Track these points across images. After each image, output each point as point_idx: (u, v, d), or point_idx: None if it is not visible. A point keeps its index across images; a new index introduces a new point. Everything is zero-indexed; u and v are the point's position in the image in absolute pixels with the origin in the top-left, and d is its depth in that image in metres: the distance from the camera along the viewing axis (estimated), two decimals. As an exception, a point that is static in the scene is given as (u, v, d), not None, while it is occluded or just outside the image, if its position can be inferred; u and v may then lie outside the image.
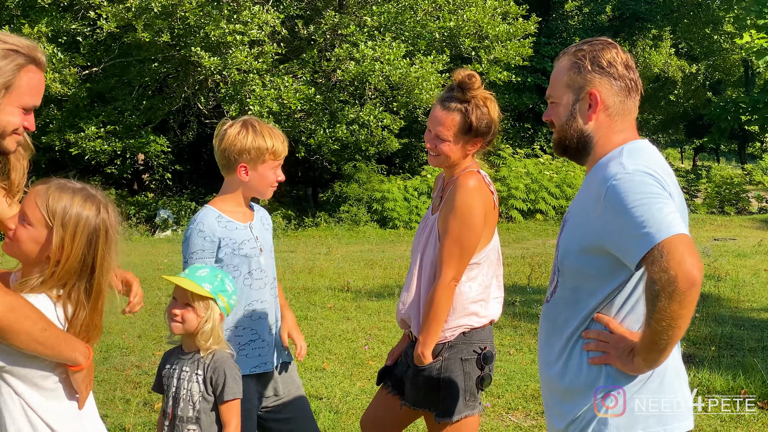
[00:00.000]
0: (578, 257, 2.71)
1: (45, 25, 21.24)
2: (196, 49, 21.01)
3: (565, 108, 2.81)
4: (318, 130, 22.97)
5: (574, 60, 2.80)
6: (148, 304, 11.19)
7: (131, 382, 7.44)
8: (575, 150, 2.84)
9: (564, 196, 24.50)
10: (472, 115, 3.76)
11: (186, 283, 3.30)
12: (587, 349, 2.71)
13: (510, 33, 23.92)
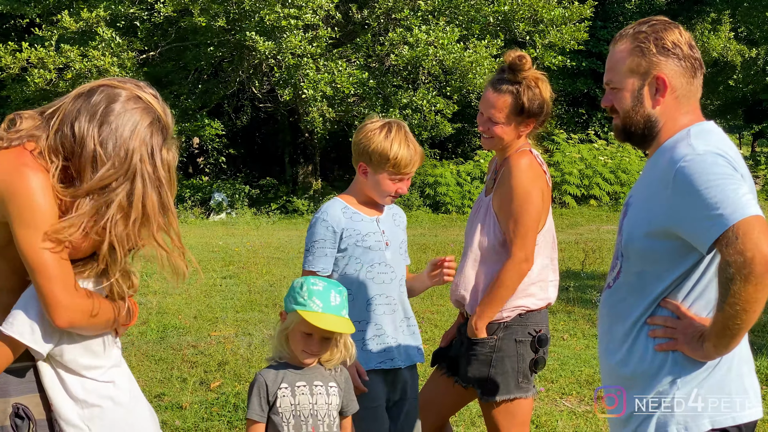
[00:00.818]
0: (644, 241, 2.65)
1: (103, 9, 21.47)
2: (251, 34, 21.09)
3: (630, 93, 2.73)
4: (371, 114, 22.93)
5: (636, 43, 2.72)
6: (204, 285, 11.33)
7: (188, 361, 7.54)
8: (641, 136, 2.77)
9: (618, 182, 24.23)
10: (523, 96, 3.75)
11: (341, 326, 3.15)
12: (653, 335, 2.64)
13: (565, 17, 23.62)
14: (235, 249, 15.36)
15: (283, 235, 18.29)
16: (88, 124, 2.54)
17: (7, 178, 2.46)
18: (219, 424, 5.92)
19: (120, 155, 2.55)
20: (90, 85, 2.65)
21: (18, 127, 2.59)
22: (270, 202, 25.50)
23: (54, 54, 21.41)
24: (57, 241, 2.49)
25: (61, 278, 2.50)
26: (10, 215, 2.46)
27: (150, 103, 2.65)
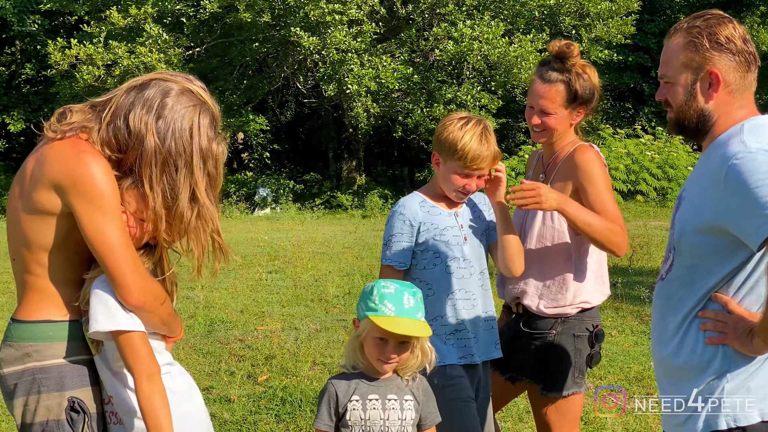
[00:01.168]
0: (695, 236, 2.66)
1: (151, 5, 21.70)
2: (296, 29, 21.19)
3: (684, 88, 2.73)
4: (415, 109, 22.95)
5: (689, 38, 2.71)
6: (250, 280, 11.43)
7: (235, 355, 7.61)
8: (694, 130, 2.77)
9: (666, 177, 23.98)
10: (575, 83, 3.74)
11: (416, 329, 3.02)
12: (704, 328, 2.66)
13: (612, 10, 23.43)
14: (280, 244, 15.46)
15: (327, 230, 18.37)
16: (144, 117, 2.59)
17: (68, 166, 2.50)
18: (267, 417, 5.97)
19: (177, 149, 2.59)
20: (142, 78, 2.69)
21: (69, 120, 2.62)
22: (314, 198, 25.61)
23: (102, 50, 21.68)
24: (122, 225, 2.55)
25: (131, 259, 2.55)
26: (73, 203, 2.50)
27: (202, 97, 2.70)
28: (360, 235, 17.38)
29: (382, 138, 30.52)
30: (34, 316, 2.63)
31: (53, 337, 2.62)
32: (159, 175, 2.60)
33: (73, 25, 29.50)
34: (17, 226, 2.61)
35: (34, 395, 2.60)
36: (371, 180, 28.15)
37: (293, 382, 6.72)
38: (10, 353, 2.63)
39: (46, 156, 2.56)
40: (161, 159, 2.59)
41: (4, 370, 2.64)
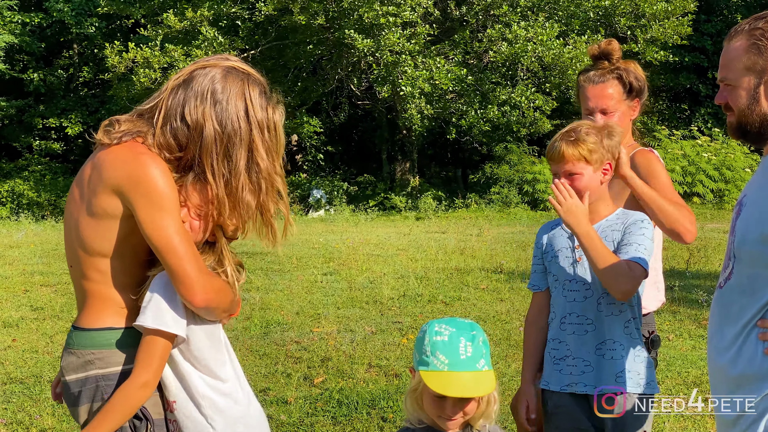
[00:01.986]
0: (758, 244, 2.57)
1: (207, 9, 21.93)
2: (350, 32, 21.30)
3: (747, 91, 2.65)
4: (469, 111, 22.94)
5: (752, 40, 2.62)
6: (305, 282, 11.49)
7: (291, 357, 7.65)
8: (756, 134, 2.69)
9: (723, 179, 23.70)
10: (627, 76, 3.71)
11: (473, 387, 2.57)
12: (763, 338, 2.56)
13: (668, 11, 23.22)
14: (334, 246, 15.53)
15: (381, 232, 18.41)
16: (199, 107, 2.60)
17: (127, 168, 2.52)
18: (323, 419, 6.00)
19: (236, 129, 2.61)
20: (182, 74, 2.69)
21: (119, 128, 2.63)
22: (368, 199, 25.69)
23: (159, 53, 21.95)
24: (181, 224, 2.57)
25: (193, 257, 2.56)
26: (133, 203, 2.51)
27: (245, 70, 2.71)
28: (414, 237, 17.39)
29: (436, 140, 30.50)
30: (95, 323, 2.65)
31: (115, 345, 2.64)
32: (221, 160, 2.60)
33: (129, 29, 29.93)
34: (76, 232, 2.64)
35: (98, 402, 2.62)
36: (425, 182, 28.16)
37: (349, 385, 6.75)
38: (72, 361, 2.65)
39: (105, 160, 2.58)
40: (222, 144, 2.61)
41: (67, 378, 2.66)
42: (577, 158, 3.29)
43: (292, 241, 15.71)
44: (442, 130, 26.28)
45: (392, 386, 6.67)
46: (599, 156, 3.30)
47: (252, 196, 2.66)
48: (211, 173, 2.60)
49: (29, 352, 7.97)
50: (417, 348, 2.66)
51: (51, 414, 6.14)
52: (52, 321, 9.20)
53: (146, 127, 2.63)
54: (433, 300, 10.16)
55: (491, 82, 23.31)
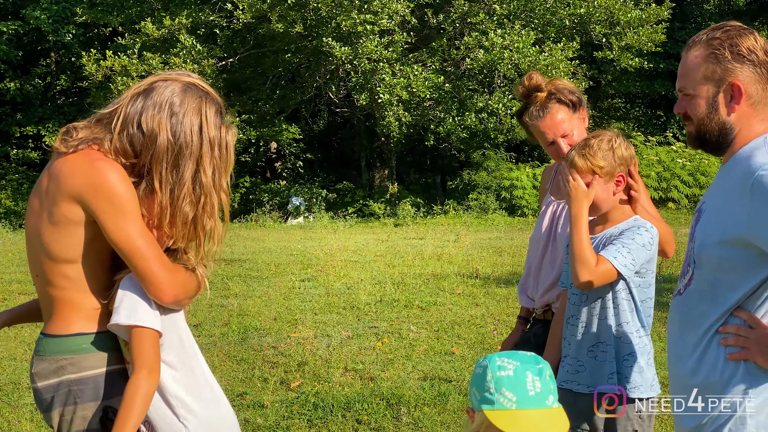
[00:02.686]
0: (718, 249, 2.62)
1: (185, 17, 21.96)
2: (328, 39, 21.38)
3: (705, 100, 2.70)
4: (447, 118, 23.06)
5: (710, 50, 2.68)
6: (283, 288, 11.56)
7: (268, 361, 7.72)
8: (715, 143, 2.73)
9: (697, 185, 23.92)
10: (565, 96, 3.82)
11: (549, 424, 2.33)
12: (725, 344, 2.61)
13: (642, 19, 23.45)
14: (313, 252, 15.60)
15: (360, 239, 18.49)
16: (156, 116, 2.67)
17: (86, 176, 2.58)
18: (299, 422, 6.07)
19: (188, 142, 2.70)
20: (144, 83, 2.77)
21: (76, 136, 2.69)
22: (347, 206, 25.76)
23: (137, 62, 21.95)
24: (144, 225, 2.64)
25: (158, 257, 2.64)
26: (95, 210, 2.58)
27: (204, 88, 2.81)
28: (392, 243, 17.48)
29: (414, 146, 30.62)
30: (65, 329, 2.69)
31: (87, 349, 2.69)
32: (170, 170, 2.68)
33: (107, 36, 29.87)
34: (39, 241, 2.69)
35: (71, 406, 2.67)
36: (403, 188, 28.26)
37: (325, 388, 6.83)
38: (44, 367, 2.69)
39: (61, 169, 2.63)
40: (173, 154, 2.68)
41: (38, 384, 2.70)
42: (587, 170, 3.38)
43: (271, 248, 15.79)
44: (421, 137, 26.39)
45: (367, 389, 6.75)
46: (610, 169, 3.39)
47: (190, 208, 2.73)
48: (159, 181, 2.68)
49: (8, 359, 8.00)
50: (477, 385, 2.37)
51: (30, 420, 6.19)
52: (30, 329, 9.22)
53: (103, 132, 2.70)
54: (409, 305, 10.25)
55: (468, 89, 23.44)
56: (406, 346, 8.16)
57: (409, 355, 7.81)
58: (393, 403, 6.36)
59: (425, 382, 6.95)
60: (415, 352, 7.92)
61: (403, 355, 7.82)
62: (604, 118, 31.46)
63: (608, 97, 33.01)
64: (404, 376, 7.13)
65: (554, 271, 3.92)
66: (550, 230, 4.00)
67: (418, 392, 6.62)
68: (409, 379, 7.04)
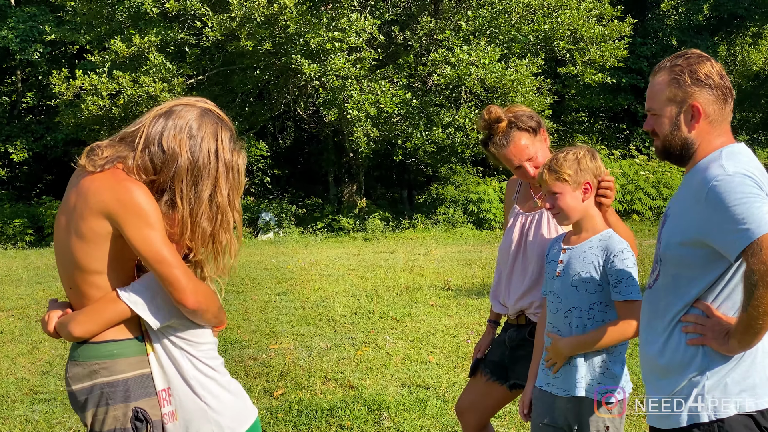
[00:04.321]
0: (680, 249, 2.98)
1: (154, 35, 22.06)
2: (297, 57, 21.60)
3: (669, 120, 3.07)
4: (414, 133, 23.34)
5: (672, 75, 3.05)
6: (259, 302, 11.77)
7: (251, 372, 7.93)
8: (678, 156, 3.11)
9: (660, 197, 24.38)
10: (524, 122, 4.10)
11: None
12: (686, 331, 2.98)
13: (605, 35, 23.90)
14: (286, 267, 15.81)
15: (331, 253, 18.71)
16: (177, 137, 2.94)
17: (112, 194, 2.83)
18: (285, 427, 6.30)
19: (206, 163, 2.96)
20: (166, 106, 3.04)
21: (101, 155, 2.94)
22: (316, 221, 25.93)
23: (106, 80, 22.02)
24: (167, 237, 2.89)
25: (182, 265, 2.88)
26: (122, 225, 2.82)
27: (220, 115, 3.08)
28: (363, 257, 17.72)
29: (381, 161, 30.87)
30: (98, 336, 2.94)
31: (117, 354, 2.94)
32: (189, 187, 2.93)
33: (74, 54, 29.86)
34: (70, 256, 2.93)
35: (103, 407, 2.92)
36: (372, 203, 28.48)
37: (308, 396, 7.06)
38: (78, 371, 2.95)
39: (90, 188, 2.87)
40: (193, 173, 2.94)
41: (73, 387, 2.95)
42: (555, 180, 3.67)
43: (245, 263, 15.96)
44: (388, 152, 26.64)
45: (349, 396, 6.99)
46: (576, 177, 3.66)
47: (208, 224, 2.98)
48: (180, 197, 2.93)
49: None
50: None
51: (21, 431, 6.36)
52: (13, 344, 9.38)
53: (126, 150, 2.95)
54: (384, 316, 10.50)
55: (435, 105, 23.75)
56: (383, 356, 8.41)
57: (387, 364, 8.06)
58: (374, 409, 6.60)
59: (404, 389, 7.21)
60: (393, 361, 8.17)
61: (381, 364, 8.06)
62: (569, 131, 31.92)
63: (572, 111, 33.49)
64: (384, 384, 7.38)
65: (525, 279, 4.15)
66: (521, 241, 4.24)
67: (398, 398, 6.87)
68: (388, 386, 7.29)
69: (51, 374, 8.06)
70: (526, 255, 4.19)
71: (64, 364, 8.26)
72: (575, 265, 3.70)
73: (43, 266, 17.75)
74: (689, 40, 33.01)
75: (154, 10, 22.12)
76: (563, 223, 3.79)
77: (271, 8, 21.12)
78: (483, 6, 23.66)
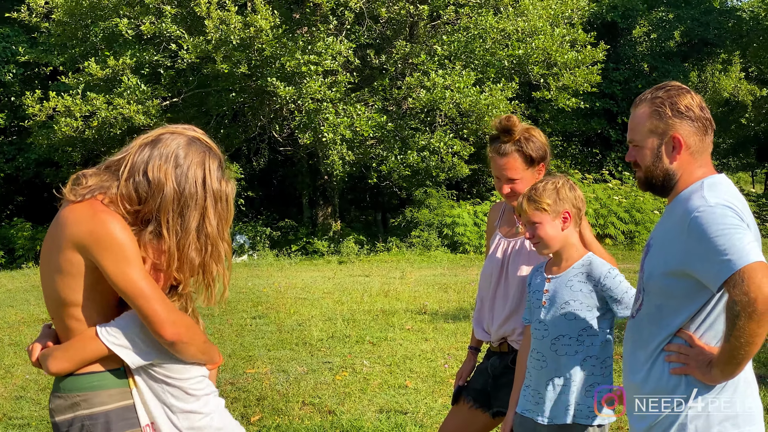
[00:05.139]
0: (663, 279, 3.02)
1: (129, 57, 22.01)
2: (272, 80, 21.63)
3: (651, 151, 3.12)
4: (389, 156, 23.42)
5: (653, 107, 3.09)
6: (235, 325, 11.73)
7: (227, 397, 7.89)
8: (660, 187, 3.15)
9: (633, 221, 24.55)
10: (527, 148, 4.14)
11: None
12: (669, 360, 3.02)
13: (578, 60, 24.16)
14: (262, 290, 15.77)
15: (306, 276, 18.69)
16: (162, 167, 2.89)
17: (88, 226, 2.79)
18: (263, 454, 6.29)
19: (192, 193, 2.92)
20: (152, 134, 3.00)
21: (85, 184, 2.91)
22: (290, 244, 25.88)
23: (80, 102, 21.93)
24: (144, 269, 2.85)
25: (160, 298, 2.83)
26: (98, 259, 2.78)
27: (208, 143, 3.05)
28: (339, 280, 17.71)
29: (355, 184, 30.91)
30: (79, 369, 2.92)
31: (98, 387, 2.90)
32: (175, 217, 2.88)
33: (47, 76, 29.72)
34: (51, 287, 2.90)
35: None
36: (346, 226, 28.48)
37: (285, 421, 7.04)
38: (60, 403, 2.92)
39: (67, 218, 2.84)
40: (179, 204, 2.89)
41: (56, 419, 2.93)
42: (534, 210, 3.74)
43: (219, 286, 15.89)
44: (362, 175, 26.70)
45: (327, 422, 6.98)
46: (555, 207, 3.73)
47: (196, 255, 2.94)
48: (166, 228, 2.88)
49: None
50: None
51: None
52: (-14, 368, 9.30)
53: (111, 180, 2.91)
54: (360, 341, 10.49)
55: (410, 128, 23.84)
56: (360, 380, 8.40)
57: (365, 389, 8.05)
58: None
59: (382, 414, 7.20)
60: (370, 386, 8.17)
61: (358, 389, 8.05)
62: (542, 156, 31.99)
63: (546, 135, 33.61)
64: (362, 409, 7.37)
65: (507, 305, 4.18)
66: (502, 266, 4.27)
67: (376, 424, 6.86)
68: (366, 412, 7.28)
69: (24, 399, 7.98)
70: (508, 281, 4.22)
71: (37, 389, 8.23)
72: (563, 294, 3.76)
73: (15, 289, 17.61)
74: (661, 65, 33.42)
75: (129, 32, 22.07)
76: (543, 252, 3.84)
77: (247, 31, 21.15)
78: (458, 31, 23.82)
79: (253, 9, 21.73)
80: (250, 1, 21.86)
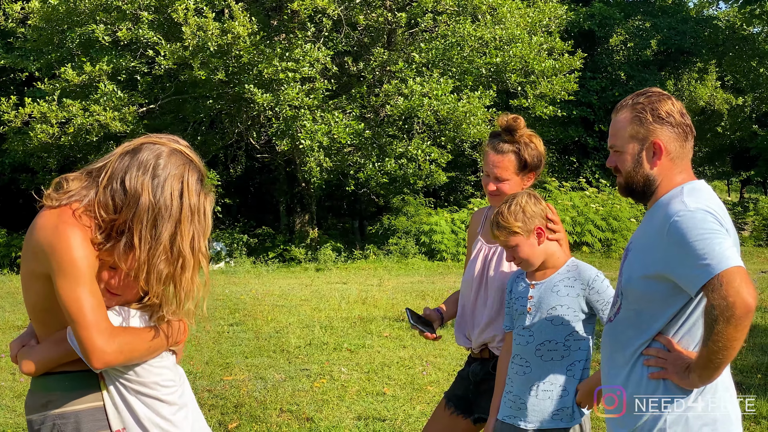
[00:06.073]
0: (641, 283, 3.03)
1: (106, 63, 21.89)
2: (250, 86, 21.57)
3: (631, 156, 3.14)
4: (367, 164, 23.41)
5: (634, 113, 3.12)
6: (212, 333, 11.66)
7: (204, 404, 7.85)
8: (641, 192, 3.17)
9: (610, 229, 24.65)
10: (524, 153, 4.13)
11: None
12: (647, 364, 3.03)
13: (555, 68, 24.25)
14: (239, 297, 15.70)
15: (284, 283, 18.64)
16: (139, 177, 2.86)
17: (48, 235, 2.77)
18: (241, 462, 6.25)
19: (168, 205, 2.87)
20: (134, 143, 2.98)
21: (66, 188, 2.89)
22: (267, 251, 25.80)
23: (56, 108, 21.78)
24: (93, 289, 2.80)
25: (96, 325, 2.76)
26: (52, 269, 2.76)
27: (189, 155, 3.02)
28: (316, 287, 17.67)
29: (333, 192, 30.90)
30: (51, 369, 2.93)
31: (69, 387, 2.91)
32: (149, 228, 2.84)
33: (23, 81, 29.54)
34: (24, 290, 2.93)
35: None
36: (323, 233, 28.44)
37: (263, 428, 7.01)
38: (33, 401, 2.96)
39: (36, 224, 2.83)
40: (153, 215, 2.85)
41: (29, 416, 2.96)
42: (507, 235, 3.77)
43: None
44: (340, 183, 26.68)
45: (305, 429, 6.96)
46: (526, 226, 3.76)
47: (165, 266, 2.88)
48: (138, 237, 2.84)
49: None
50: None
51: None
52: (-40, 376, 9.20)
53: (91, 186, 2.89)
54: (338, 348, 10.46)
55: (388, 136, 23.86)
56: (338, 388, 8.38)
57: (343, 396, 8.03)
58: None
59: (360, 421, 7.19)
60: (348, 393, 8.14)
61: (336, 396, 8.03)
62: (519, 163, 32.12)
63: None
64: (340, 416, 7.35)
65: (486, 312, 4.19)
66: (483, 273, 4.27)
67: (354, 431, 6.85)
68: (345, 419, 7.26)
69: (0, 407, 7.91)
70: (488, 287, 4.22)
71: (12, 396, 8.15)
72: (549, 300, 3.78)
73: (-11, 295, 17.45)
74: (637, 74, 33.65)
75: (106, 38, 21.94)
76: (529, 269, 3.88)
77: (225, 38, 21.08)
78: (436, 38, 23.84)
79: (231, 15, 21.66)
80: (227, 7, 21.74)
